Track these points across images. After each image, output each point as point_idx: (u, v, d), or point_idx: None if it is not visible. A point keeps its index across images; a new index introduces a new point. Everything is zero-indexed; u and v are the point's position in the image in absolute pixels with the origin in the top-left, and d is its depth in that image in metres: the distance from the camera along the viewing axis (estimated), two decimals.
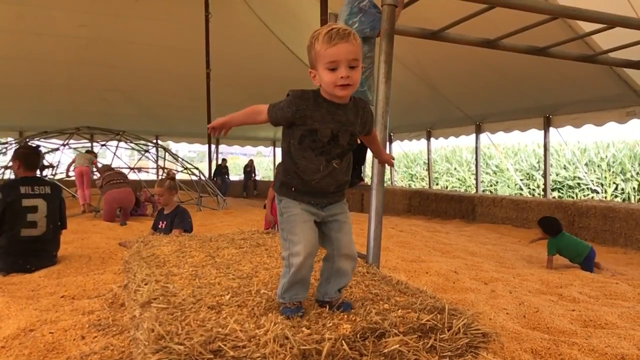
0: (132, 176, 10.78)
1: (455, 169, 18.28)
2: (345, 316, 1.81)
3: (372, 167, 2.96)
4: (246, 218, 8.99)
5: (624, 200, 12.36)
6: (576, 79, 8.91)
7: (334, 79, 1.82)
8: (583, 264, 5.69)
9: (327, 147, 1.92)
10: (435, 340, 1.72)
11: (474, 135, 12.53)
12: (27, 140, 12.06)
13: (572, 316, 3.78)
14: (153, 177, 13.66)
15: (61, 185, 6.19)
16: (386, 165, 2.61)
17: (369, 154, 2.87)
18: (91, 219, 8.53)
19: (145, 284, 2.26)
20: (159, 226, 5.12)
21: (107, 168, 9.52)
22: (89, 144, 13.07)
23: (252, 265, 2.72)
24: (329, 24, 1.89)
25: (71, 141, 12.38)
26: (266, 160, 28.49)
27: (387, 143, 15.95)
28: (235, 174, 23.90)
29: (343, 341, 1.64)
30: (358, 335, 1.67)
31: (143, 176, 14.15)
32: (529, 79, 9.71)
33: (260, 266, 2.69)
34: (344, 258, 1.99)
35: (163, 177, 6.47)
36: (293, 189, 1.96)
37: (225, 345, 1.54)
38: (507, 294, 4.38)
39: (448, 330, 1.75)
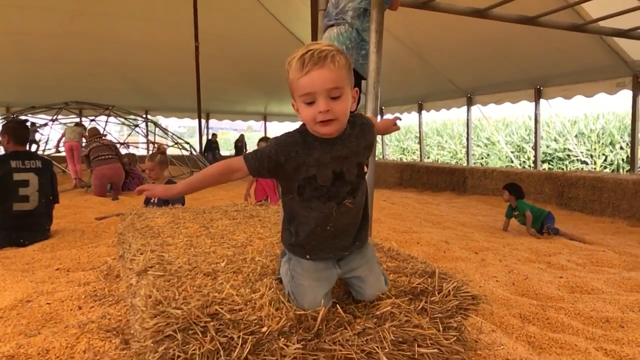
0: (124, 151, 10.68)
1: (446, 141, 18.33)
2: (339, 281, 1.84)
3: None
4: (239, 192, 8.99)
5: (612, 171, 12.48)
6: (567, 50, 8.91)
7: (312, 115, 1.53)
8: (540, 225, 5.98)
9: (333, 190, 1.64)
10: (426, 302, 1.77)
11: (465, 107, 12.54)
12: (15, 115, 11.93)
13: (559, 283, 3.86)
14: (143, 152, 13.59)
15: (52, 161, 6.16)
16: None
17: None
18: (82, 194, 8.51)
19: (141, 254, 2.29)
20: (151, 201, 5.13)
21: (95, 133, 9.28)
22: (78, 120, 12.95)
23: (246, 235, 2.75)
24: (307, 45, 1.55)
25: (60, 116, 12.27)
26: (257, 135, 28.39)
27: (379, 116, 15.96)
28: (226, 149, 23.82)
29: (337, 305, 1.68)
30: (352, 299, 1.72)
31: (133, 152, 14.08)
32: (520, 51, 9.69)
33: (254, 236, 2.72)
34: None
35: (153, 151, 6.46)
36: (303, 247, 1.70)
37: (222, 308, 1.57)
38: (496, 263, 4.47)
39: (438, 293, 1.80)
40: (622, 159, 12.82)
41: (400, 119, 2.23)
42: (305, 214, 1.66)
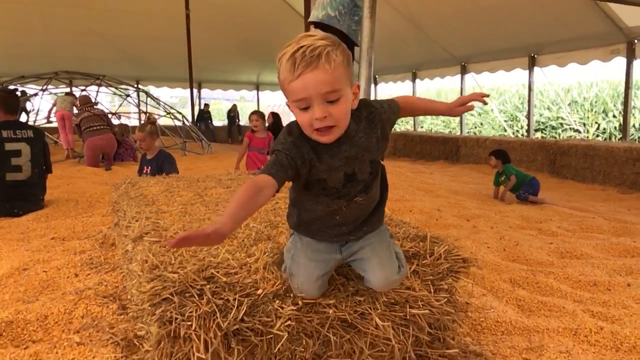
0: (116, 122, 10.60)
1: None
2: None
3: None
4: (232, 162, 8.98)
5: (605, 139, 12.54)
6: (561, 17, 8.84)
7: (308, 121, 1.37)
8: (520, 190, 6.09)
9: (344, 190, 1.54)
10: (417, 265, 1.81)
11: (459, 76, 12.49)
12: (4, 85, 11.77)
13: (549, 248, 3.93)
14: (135, 122, 13.49)
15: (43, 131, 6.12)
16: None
17: None
18: (75, 164, 8.48)
19: (136, 221, 2.31)
20: (144, 171, 5.13)
21: (86, 101, 9.14)
22: (68, 90, 12.80)
23: None
24: (298, 39, 1.36)
25: (50, 87, 12.12)
26: (250, 105, 28.19)
27: (372, 84, 15.87)
28: (219, 120, 23.66)
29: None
30: (345, 262, 1.75)
31: (125, 122, 13.96)
32: (514, 18, 9.61)
33: None
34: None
35: (144, 122, 6.42)
36: (306, 228, 1.63)
37: (217, 272, 1.60)
38: (488, 229, 4.53)
39: (430, 256, 1.83)
40: (615, 127, 12.88)
41: (488, 95, 1.82)
42: (312, 206, 1.57)
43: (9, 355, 1.78)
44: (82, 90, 12.05)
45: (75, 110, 9.25)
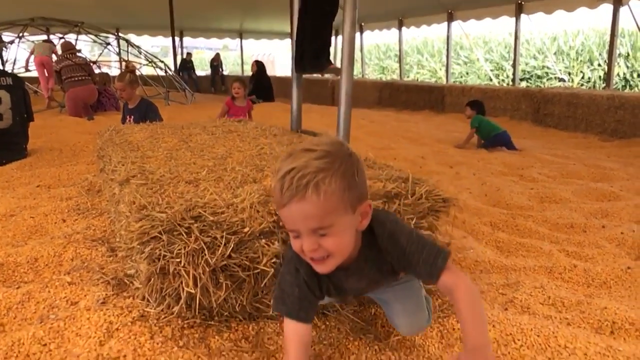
0: (96, 71, 10.35)
1: (426, 59, 18.15)
2: None
3: (342, 49, 2.97)
4: (216, 112, 8.93)
5: (589, 89, 12.60)
6: None
7: (299, 249, 1.19)
8: (489, 140, 6.27)
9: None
10: (399, 205, 1.86)
11: (445, 23, 12.34)
12: None
13: (530, 194, 4.02)
14: (116, 72, 13.20)
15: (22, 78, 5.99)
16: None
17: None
18: (57, 114, 8.36)
19: (122, 165, 2.32)
20: (127, 120, 5.09)
21: (68, 47, 8.88)
22: (46, 37, 12.41)
23: (225, 148, 2.79)
24: (291, 157, 1.15)
25: (26, 34, 11.73)
26: (233, 55, 27.67)
27: (359, 34, 15.61)
28: (202, 69, 23.24)
29: None
30: None
31: (106, 71, 13.65)
32: None
33: (234, 149, 2.76)
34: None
35: (122, 71, 6.30)
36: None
37: (204, 211, 1.64)
38: (470, 176, 4.61)
39: (411, 196, 1.88)
40: (599, 77, 12.92)
41: None
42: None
43: (1, 294, 1.82)
44: (60, 38, 11.71)
45: (55, 58, 9.02)
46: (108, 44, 12.55)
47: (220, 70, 19.38)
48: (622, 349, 1.52)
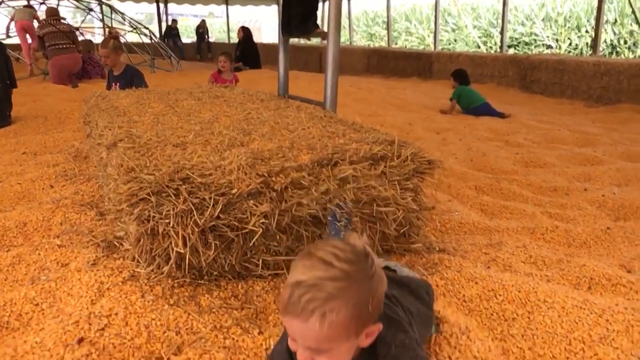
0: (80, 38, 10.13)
1: (414, 26, 17.98)
2: (304, 149, 1.93)
3: (329, 12, 2.95)
4: (202, 79, 8.83)
5: (576, 55, 12.59)
6: None
7: (292, 348, 1.09)
8: (469, 111, 6.34)
9: None
10: (385, 167, 1.89)
11: None
12: None
13: (515, 158, 4.08)
14: (100, 39, 12.94)
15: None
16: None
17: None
18: (40, 81, 8.22)
19: (109, 130, 2.32)
20: (113, 88, 5.03)
21: (53, 13, 8.62)
22: (26, 3, 12.09)
23: (212, 113, 2.78)
24: (301, 268, 1.03)
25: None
26: (219, 22, 27.16)
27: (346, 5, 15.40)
28: (187, 37, 22.82)
29: (302, 169, 1.78)
30: (316, 164, 1.81)
31: (89, 38, 13.37)
32: None
33: (221, 114, 2.76)
34: None
35: (105, 37, 6.18)
36: None
37: (192, 173, 1.65)
38: (457, 142, 4.65)
39: (397, 158, 1.91)
40: (587, 43, 12.90)
41: None
42: None
43: None
44: (41, 3, 11.43)
45: (37, 23, 8.81)
46: (91, 10, 12.27)
47: (206, 37, 19.06)
48: (597, 302, 1.58)
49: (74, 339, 1.33)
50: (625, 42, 12.33)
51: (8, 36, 9.78)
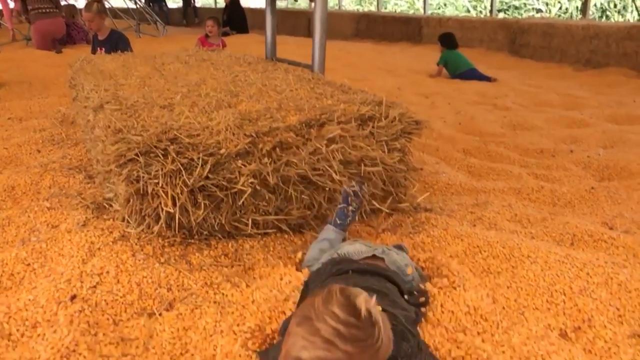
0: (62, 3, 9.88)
1: None
2: (292, 110, 1.93)
3: None
4: (189, 44, 8.68)
5: (565, 19, 12.51)
6: None
7: None
8: (455, 76, 6.31)
9: None
10: (373, 127, 1.89)
11: None
12: None
13: (503, 121, 4.10)
14: (84, 3, 12.62)
15: None
16: None
17: None
18: (23, 47, 8.06)
19: (95, 92, 2.29)
20: (98, 53, 4.95)
21: None
22: None
23: (199, 76, 2.76)
24: (306, 330, 0.97)
25: None
26: None
27: None
28: (173, 2, 22.34)
29: (290, 129, 1.79)
30: (304, 125, 1.82)
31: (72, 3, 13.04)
32: None
33: (208, 76, 2.73)
34: None
35: (89, 1, 6.03)
36: None
37: (180, 134, 1.65)
38: (445, 105, 4.65)
39: (385, 119, 1.92)
40: (577, 7, 12.81)
41: None
42: None
43: None
44: None
45: None
46: None
47: (192, 1, 18.66)
48: (579, 257, 1.62)
49: (67, 296, 1.35)
50: (615, 6, 12.27)
51: None
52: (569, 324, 1.35)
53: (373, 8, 16.54)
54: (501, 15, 13.53)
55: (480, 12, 14.75)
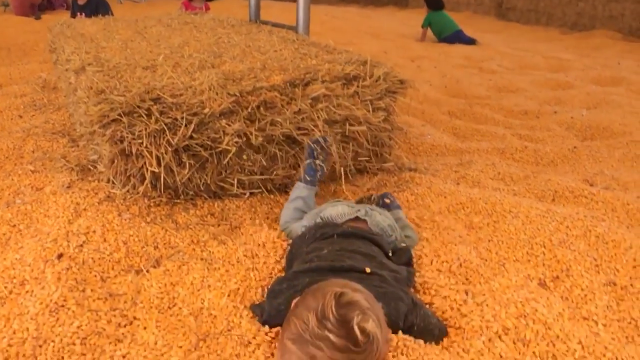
0: None
1: None
2: (276, 70, 1.92)
3: None
4: (173, 9, 8.54)
5: None
6: None
7: None
8: (442, 39, 6.35)
9: None
10: (357, 87, 1.89)
11: None
12: None
13: (488, 84, 4.10)
14: None
15: None
16: None
17: None
18: (1, 13, 7.84)
19: (76, 55, 2.26)
20: (78, 17, 4.83)
21: None
22: None
23: (182, 38, 2.72)
24: (305, 340, 0.93)
25: None
26: None
27: None
28: None
29: (275, 89, 1.78)
30: (288, 84, 1.81)
31: None
32: None
33: (191, 39, 2.69)
34: None
35: None
36: None
37: (163, 94, 1.64)
38: (431, 69, 4.64)
39: (369, 78, 1.91)
40: None
41: None
42: None
43: None
44: None
45: None
46: None
47: None
48: (559, 212, 1.65)
49: (54, 254, 1.36)
50: None
51: None
52: (547, 273, 1.39)
53: None
54: None
55: None
